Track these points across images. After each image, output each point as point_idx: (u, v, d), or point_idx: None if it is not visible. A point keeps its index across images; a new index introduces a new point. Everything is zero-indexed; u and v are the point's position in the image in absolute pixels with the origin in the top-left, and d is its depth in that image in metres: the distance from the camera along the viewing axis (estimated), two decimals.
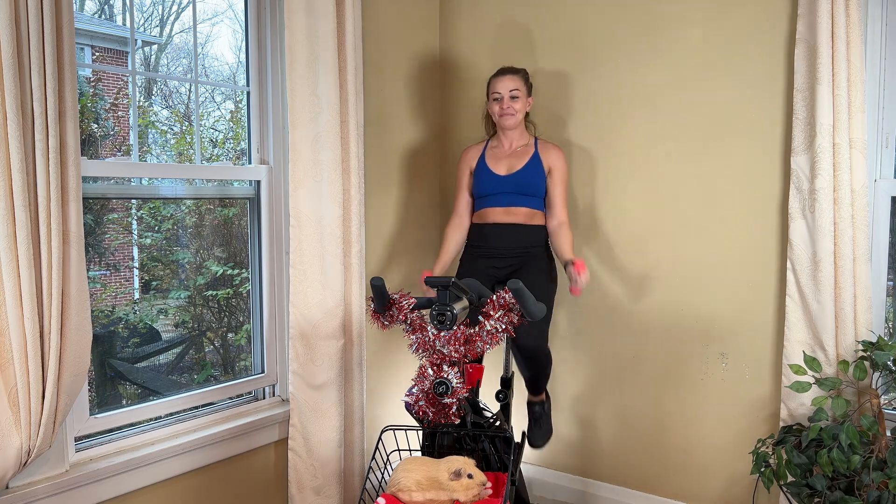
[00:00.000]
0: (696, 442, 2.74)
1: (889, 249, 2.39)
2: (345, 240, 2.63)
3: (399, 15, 3.06)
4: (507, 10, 3.09)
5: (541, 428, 2.71)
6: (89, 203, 2.19)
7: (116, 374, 2.34)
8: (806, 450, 2.17)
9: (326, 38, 2.49)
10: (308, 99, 2.47)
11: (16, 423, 1.78)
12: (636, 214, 2.83)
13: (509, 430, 2.41)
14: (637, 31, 2.77)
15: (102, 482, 2.09)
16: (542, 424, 2.71)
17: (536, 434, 2.70)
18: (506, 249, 2.63)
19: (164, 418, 2.36)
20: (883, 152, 2.38)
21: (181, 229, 2.53)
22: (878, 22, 2.34)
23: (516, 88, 2.61)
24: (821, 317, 2.33)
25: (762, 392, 2.58)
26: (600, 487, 2.98)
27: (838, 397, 2.16)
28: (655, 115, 2.75)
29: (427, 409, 1.89)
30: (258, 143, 2.61)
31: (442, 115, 3.33)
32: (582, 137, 2.93)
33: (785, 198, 2.50)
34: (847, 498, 2.05)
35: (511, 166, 2.66)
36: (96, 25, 2.33)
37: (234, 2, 2.56)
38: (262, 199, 2.61)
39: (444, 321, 1.89)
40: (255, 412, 2.57)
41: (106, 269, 2.33)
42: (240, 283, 2.64)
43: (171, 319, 2.51)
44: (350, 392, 2.70)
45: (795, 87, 2.37)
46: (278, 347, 2.68)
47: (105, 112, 2.35)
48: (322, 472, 2.59)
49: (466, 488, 1.81)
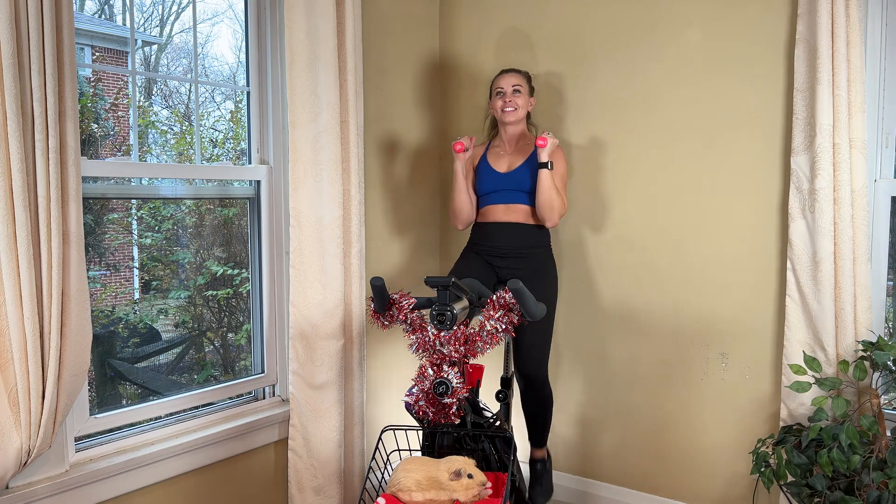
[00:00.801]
0: (696, 442, 2.74)
1: (889, 249, 2.39)
2: (345, 240, 2.63)
3: (399, 15, 3.06)
4: (508, 11, 3.09)
5: (542, 486, 2.76)
6: (89, 203, 2.19)
7: (116, 374, 2.34)
8: (806, 450, 2.17)
9: (326, 38, 2.49)
10: (308, 99, 2.47)
11: (16, 423, 1.78)
12: (636, 214, 2.83)
13: (509, 430, 2.41)
14: (637, 31, 2.77)
15: (102, 482, 2.09)
16: (544, 482, 2.77)
17: (538, 492, 2.75)
18: (506, 249, 2.63)
19: (164, 418, 2.36)
20: (883, 152, 2.38)
21: (181, 229, 2.53)
22: (878, 22, 2.34)
23: (519, 84, 2.64)
24: (821, 317, 2.33)
25: (762, 392, 2.58)
26: (600, 487, 2.98)
27: (838, 397, 2.16)
28: (655, 116, 2.75)
29: (427, 409, 1.89)
30: (258, 143, 2.61)
31: (442, 114, 3.33)
32: (581, 138, 2.93)
33: (785, 198, 2.50)
34: (847, 498, 2.05)
35: (511, 164, 2.67)
36: (96, 25, 2.33)
37: (234, 2, 2.56)
38: (262, 199, 2.61)
39: (444, 321, 1.89)
40: (255, 412, 2.57)
41: (106, 269, 2.33)
42: (240, 283, 2.64)
43: (171, 319, 2.51)
44: (350, 392, 2.70)
45: (795, 86, 2.37)
46: (278, 347, 2.68)
47: (105, 112, 2.35)
48: (322, 472, 2.59)
49: (466, 488, 1.81)
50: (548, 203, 2.54)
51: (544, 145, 2.50)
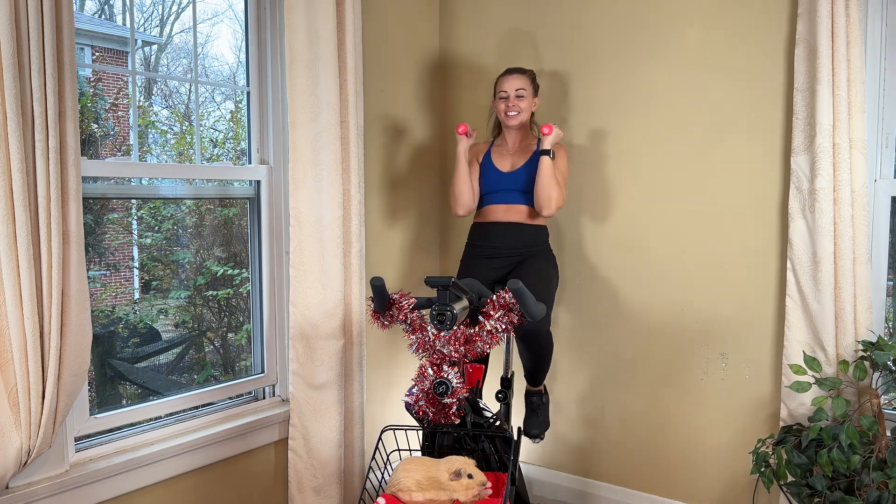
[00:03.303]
0: (696, 442, 2.74)
1: (889, 249, 2.39)
2: (345, 240, 2.63)
3: (399, 14, 3.06)
4: (508, 10, 3.09)
5: (538, 417, 2.70)
6: (89, 203, 2.19)
7: (116, 374, 2.34)
8: (806, 450, 2.17)
9: (326, 38, 2.49)
10: (308, 99, 2.47)
11: (16, 423, 1.78)
12: (636, 214, 2.83)
13: (509, 430, 2.41)
14: (638, 32, 2.77)
15: (102, 482, 2.09)
16: (540, 414, 2.71)
17: (533, 422, 2.69)
18: (506, 249, 2.63)
19: (164, 418, 2.36)
20: (883, 152, 2.38)
21: (181, 229, 2.53)
22: (878, 22, 2.34)
23: (522, 88, 2.63)
24: (821, 317, 2.33)
25: (762, 392, 2.58)
26: (600, 487, 2.98)
27: (838, 397, 2.16)
28: (656, 116, 2.75)
29: (427, 409, 1.89)
30: (258, 143, 2.61)
31: (442, 114, 3.33)
32: (582, 137, 2.93)
33: (785, 198, 2.50)
34: (847, 498, 2.05)
35: (514, 163, 2.67)
36: (96, 25, 2.33)
37: (234, 2, 2.56)
38: (262, 199, 2.61)
39: (444, 321, 1.89)
40: (255, 412, 2.57)
41: (106, 269, 2.33)
42: (240, 283, 2.64)
43: (171, 319, 2.51)
44: (350, 392, 2.70)
45: (795, 87, 2.37)
46: (278, 347, 2.68)
47: (105, 112, 2.35)
48: (322, 472, 2.59)
49: (466, 488, 1.81)
50: (546, 191, 2.54)
51: (549, 133, 2.54)
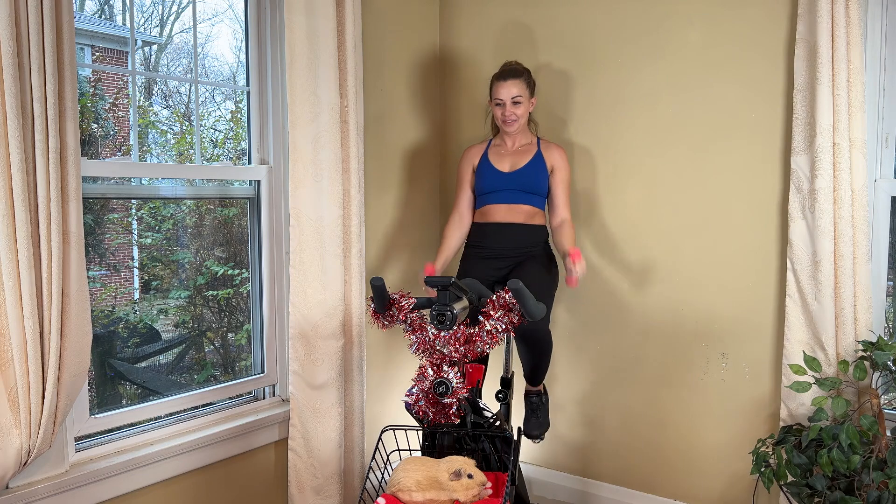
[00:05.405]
0: (696, 442, 2.74)
1: (889, 249, 2.39)
2: (345, 240, 2.63)
3: (399, 14, 3.06)
4: (508, 10, 3.09)
5: (538, 418, 2.70)
6: (89, 203, 2.19)
7: (116, 374, 2.34)
8: (806, 450, 2.17)
9: (326, 38, 2.49)
10: (308, 99, 2.47)
11: (16, 423, 1.78)
12: (637, 214, 2.83)
13: (509, 430, 2.41)
14: (638, 31, 2.77)
15: (102, 482, 2.09)
16: (539, 415, 2.71)
17: (533, 423, 2.69)
18: (506, 249, 2.63)
19: (164, 418, 2.36)
20: (883, 152, 2.38)
21: (181, 229, 2.53)
22: (878, 22, 2.34)
23: (519, 94, 2.59)
24: (821, 317, 2.33)
25: (762, 392, 2.58)
26: (600, 487, 2.98)
27: (838, 397, 2.16)
28: (656, 115, 2.75)
29: (427, 409, 1.89)
30: (258, 143, 2.61)
31: (442, 114, 3.33)
32: (583, 137, 2.93)
33: (785, 198, 2.50)
34: (847, 498, 2.05)
35: (514, 163, 2.66)
36: (96, 25, 2.33)
37: (234, 2, 2.56)
38: (262, 199, 2.61)
39: (444, 321, 1.89)
40: (255, 412, 2.57)
41: (106, 269, 2.33)
42: (240, 283, 2.64)
43: (171, 319, 2.51)
44: (350, 392, 2.70)
45: (795, 87, 2.37)
46: (278, 347, 2.68)
47: (105, 112, 2.35)
48: (322, 472, 2.59)
49: (466, 488, 1.81)
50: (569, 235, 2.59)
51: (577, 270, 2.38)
